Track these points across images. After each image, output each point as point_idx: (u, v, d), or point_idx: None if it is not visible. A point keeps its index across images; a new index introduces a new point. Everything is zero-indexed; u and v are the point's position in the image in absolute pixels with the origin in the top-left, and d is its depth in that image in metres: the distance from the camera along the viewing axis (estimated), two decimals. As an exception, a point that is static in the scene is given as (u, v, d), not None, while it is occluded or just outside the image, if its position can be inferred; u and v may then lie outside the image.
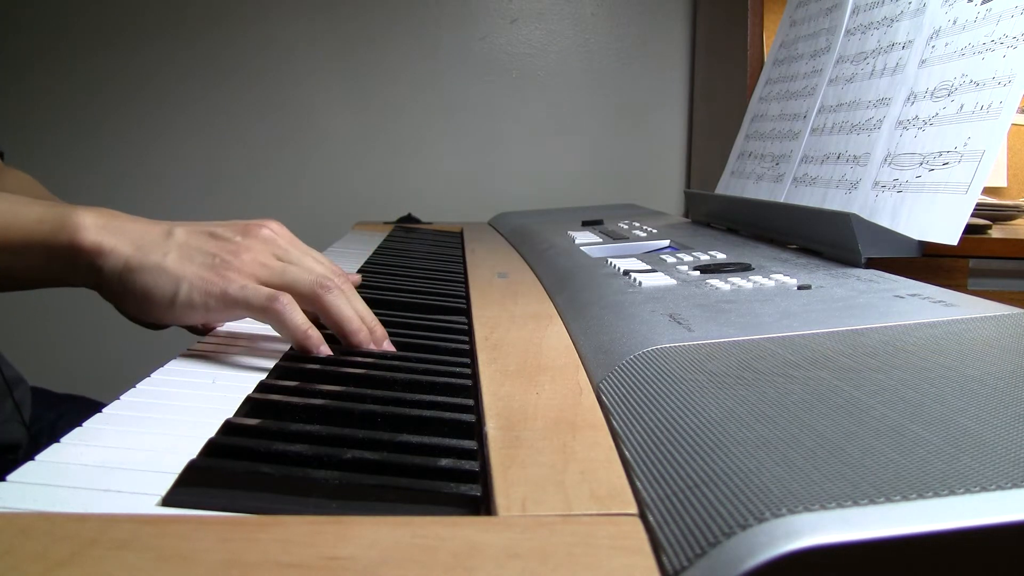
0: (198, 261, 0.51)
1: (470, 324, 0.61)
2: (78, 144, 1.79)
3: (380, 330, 0.54)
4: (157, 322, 0.53)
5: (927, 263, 0.86)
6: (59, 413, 0.85)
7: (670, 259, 0.73)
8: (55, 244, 0.50)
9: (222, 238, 0.53)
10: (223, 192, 1.82)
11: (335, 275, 0.55)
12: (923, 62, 0.74)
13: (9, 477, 0.32)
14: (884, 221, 0.69)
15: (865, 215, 0.70)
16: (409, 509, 0.32)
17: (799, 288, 0.56)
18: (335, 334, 0.53)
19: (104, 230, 0.51)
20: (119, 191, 1.81)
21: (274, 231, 0.55)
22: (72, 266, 0.51)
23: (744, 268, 0.65)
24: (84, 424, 0.39)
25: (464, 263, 0.94)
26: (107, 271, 0.50)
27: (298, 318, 0.50)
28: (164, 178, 1.82)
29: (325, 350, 0.51)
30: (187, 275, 0.50)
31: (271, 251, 0.54)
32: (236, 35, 1.79)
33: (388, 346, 0.54)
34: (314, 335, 0.50)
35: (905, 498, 0.24)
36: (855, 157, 0.79)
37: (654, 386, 0.39)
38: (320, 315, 0.53)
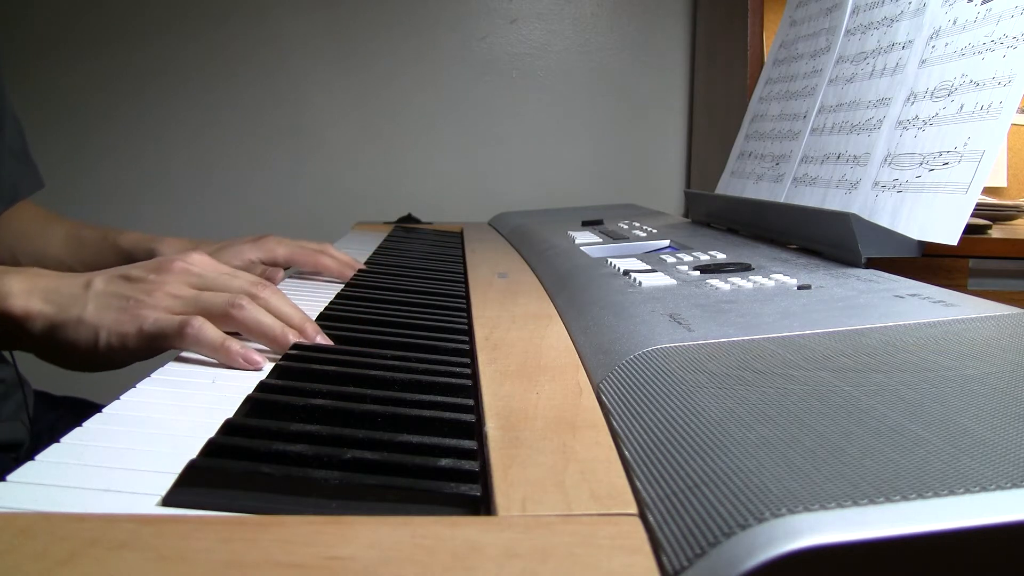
0: (114, 306, 0.53)
1: (470, 324, 0.61)
2: (77, 144, 1.79)
3: (311, 327, 0.56)
4: (94, 370, 0.55)
5: (927, 263, 0.86)
6: (58, 414, 0.86)
7: (670, 259, 0.73)
8: None
9: (136, 279, 0.55)
10: (223, 192, 1.82)
11: (252, 286, 0.56)
12: (923, 62, 0.74)
13: (9, 477, 0.32)
14: (884, 221, 0.69)
15: (865, 215, 0.70)
16: (409, 509, 0.32)
17: (799, 288, 0.56)
18: (263, 344, 0.54)
19: (30, 295, 0.54)
20: (118, 191, 1.81)
21: (188, 262, 0.57)
22: (5, 332, 0.54)
23: (744, 268, 0.65)
24: (84, 424, 0.39)
25: (464, 263, 0.94)
26: (36, 333, 0.53)
27: (211, 335, 0.51)
28: (163, 178, 1.82)
29: (253, 356, 0.51)
30: (104, 322, 0.53)
31: (184, 282, 0.56)
32: (236, 35, 1.79)
33: (323, 340, 0.55)
34: (232, 346, 0.51)
35: (905, 498, 0.24)
36: (855, 157, 0.79)
37: (654, 386, 0.39)
38: (241, 333, 0.54)
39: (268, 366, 0.51)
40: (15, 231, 0.90)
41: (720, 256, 0.73)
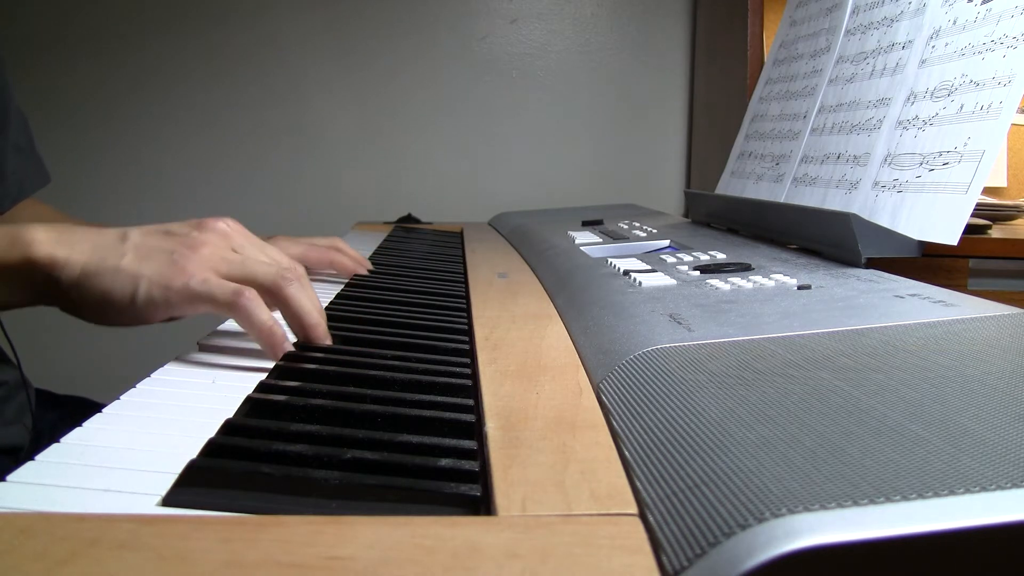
0: (156, 259, 0.51)
1: (470, 324, 0.61)
2: (77, 143, 1.79)
3: (325, 325, 0.55)
4: (120, 324, 0.53)
5: (927, 263, 0.86)
6: (59, 414, 0.86)
7: (670, 259, 0.73)
8: (8, 262, 0.50)
9: (178, 234, 0.53)
10: (222, 192, 1.82)
11: (293, 265, 0.55)
12: (923, 62, 0.74)
13: (9, 477, 0.32)
14: (884, 221, 0.69)
15: (865, 215, 0.70)
16: (409, 509, 0.32)
17: (799, 288, 0.56)
18: (290, 326, 0.53)
19: (57, 243, 0.51)
20: (118, 190, 1.81)
21: (229, 226, 0.55)
22: (29, 283, 0.51)
23: (744, 268, 0.65)
24: (84, 424, 0.39)
25: (464, 263, 0.94)
26: (64, 282, 0.50)
27: (264, 314, 0.50)
28: (163, 178, 1.82)
29: (288, 346, 0.51)
30: (145, 273, 0.50)
31: (228, 244, 0.54)
32: (235, 34, 1.79)
33: (328, 341, 0.55)
34: (279, 332, 0.50)
35: (905, 498, 0.24)
36: (855, 157, 0.79)
37: (654, 386, 0.39)
38: (280, 307, 0.53)
39: (266, 366, 0.51)
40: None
41: (720, 256, 0.73)
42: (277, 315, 0.53)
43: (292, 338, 0.53)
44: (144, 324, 0.53)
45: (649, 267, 0.68)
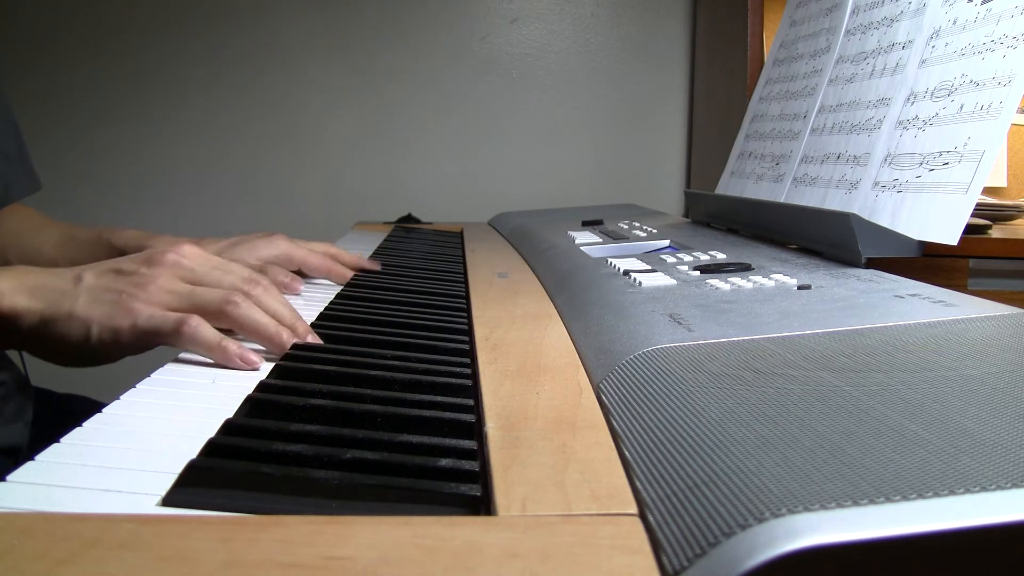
0: (106, 300, 0.52)
1: (470, 324, 0.61)
2: (76, 143, 1.80)
3: (302, 326, 0.55)
4: (84, 366, 0.54)
5: (927, 263, 0.86)
6: (59, 413, 0.85)
7: (670, 259, 0.73)
8: None
9: (127, 272, 0.54)
10: (222, 192, 1.82)
11: (245, 283, 0.56)
12: (923, 62, 0.74)
13: (9, 477, 0.32)
14: (884, 221, 0.69)
15: (865, 215, 0.70)
16: (409, 509, 0.32)
17: (799, 288, 0.56)
18: (258, 343, 0.54)
19: (17, 292, 0.53)
20: (117, 191, 1.81)
21: (181, 254, 0.56)
22: None
23: (744, 268, 0.65)
24: (84, 424, 0.39)
25: (464, 263, 0.94)
26: (25, 331, 0.52)
27: (208, 335, 0.50)
28: (163, 178, 1.82)
29: (250, 356, 0.51)
30: (95, 316, 0.52)
31: (178, 275, 0.55)
32: (235, 35, 1.79)
33: (313, 339, 0.55)
34: (230, 346, 0.50)
35: (905, 498, 0.24)
36: (855, 157, 0.79)
37: (654, 386, 0.39)
38: (235, 330, 0.54)
39: (265, 366, 0.51)
40: (8, 232, 0.89)
41: (720, 256, 0.73)
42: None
43: (253, 345, 0.54)
44: (105, 363, 0.54)
45: (649, 267, 0.69)
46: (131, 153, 1.81)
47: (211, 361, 0.51)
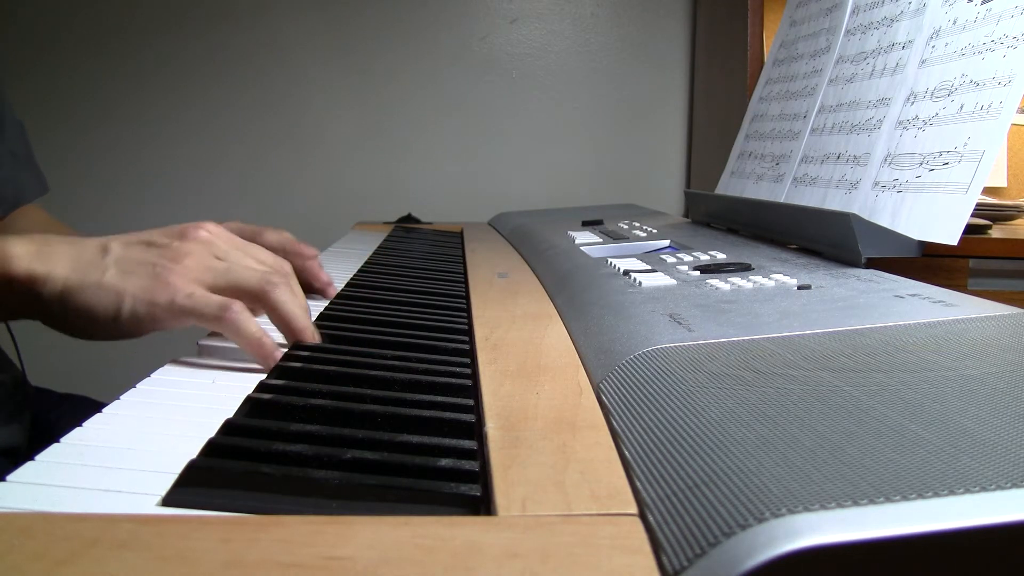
0: (139, 273, 0.50)
1: (470, 324, 0.61)
2: (76, 144, 1.80)
3: (313, 326, 0.54)
4: (106, 339, 0.52)
5: (927, 263, 0.86)
6: (59, 413, 0.85)
7: (670, 259, 0.73)
8: None
9: (160, 245, 0.52)
10: (222, 192, 1.82)
11: (280, 270, 0.54)
12: (923, 62, 0.74)
13: (9, 477, 0.32)
14: (884, 221, 0.69)
15: (865, 215, 0.70)
16: (409, 509, 0.32)
17: (799, 288, 0.56)
18: (278, 329, 0.53)
19: (36, 257, 0.50)
20: (117, 191, 1.81)
21: (211, 232, 0.54)
22: (8, 299, 0.50)
23: (744, 268, 0.65)
24: (84, 424, 0.39)
25: (464, 263, 0.94)
26: (46, 298, 0.49)
27: (252, 327, 0.49)
28: (163, 178, 1.82)
29: (278, 355, 0.50)
30: (129, 289, 0.49)
31: (211, 252, 0.53)
32: (235, 34, 1.79)
33: (318, 337, 0.54)
34: (268, 343, 0.50)
35: (905, 498, 0.24)
36: (855, 157, 0.79)
37: (654, 386, 0.39)
38: (267, 312, 0.52)
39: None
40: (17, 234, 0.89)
41: (720, 256, 0.73)
42: (264, 320, 0.53)
43: (282, 341, 0.53)
44: (130, 338, 0.52)
45: (649, 267, 0.68)
46: (131, 153, 1.81)
47: (211, 362, 0.51)
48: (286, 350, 0.53)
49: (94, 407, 0.40)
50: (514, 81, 1.82)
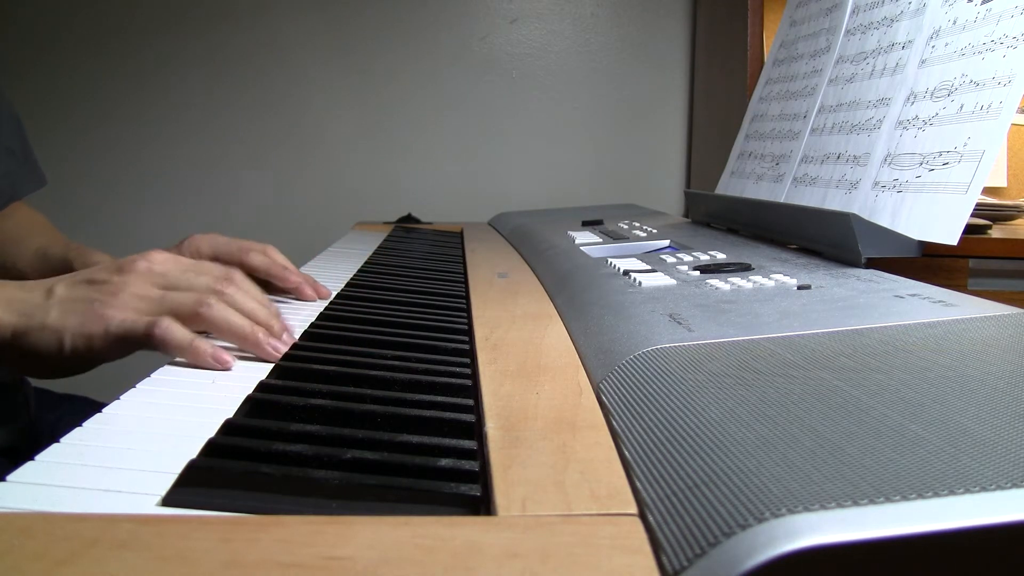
0: (77, 310, 0.52)
1: (470, 324, 0.61)
2: (76, 143, 1.79)
3: (278, 324, 0.55)
4: (60, 376, 0.54)
5: (927, 263, 0.86)
6: (59, 414, 0.86)
7: (670, 259, 0.73)
8: None
9: (98, 282, 0.54)
10: (222, 192, 1.82)
11: (217, 282, 0.55)
12: (923, 62, 0.74)
13: (9, 477, 0.32)
14: (884, 221, 0.69)
15: (865, 215, 0.70)
16: (409, 509, 0.32)
17: (799, 288, 0.56)
18: (235, 344, 0.53)
19: None
20: (117, 191, 1.81)
21: (151, 260, 0.56)
22: None
23: (744, 268, 0.65)
24: (84, 424, 0.39)
25: (464, 263, 0.94)
26: (0, 344, 0.52)
27: (179, 335, 0.50)
28: (163, 178, 1.82)
29: (223, 355, 0.50)
30: (68, 326, 0.51)
31: (150, 282, 0.54)
32: (235, 34, 1.79)
33: (288, 338, 0.55)
34: (201, 345, 0.50)
35: (905, 498, 0.24)
36: (855, 157, 0.79)
37: (654, 386, 0.39)
38: (211, 332, 0.53)
39: (265, 366, 0.51)
40: (6, 233, 0.89)
41: (720, 256, 0.73)
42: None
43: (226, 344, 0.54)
44: (82, 372, 0.54)
45: (649, 267, 0.69)
46: (131, 153, 1.81)
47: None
48: (291, 349, 0.53)
49: (94, 408, 0.40)
50: (514, 81, 1.82)
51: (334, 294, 0.74)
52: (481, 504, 0.32)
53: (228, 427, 0.39)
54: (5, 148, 0.87)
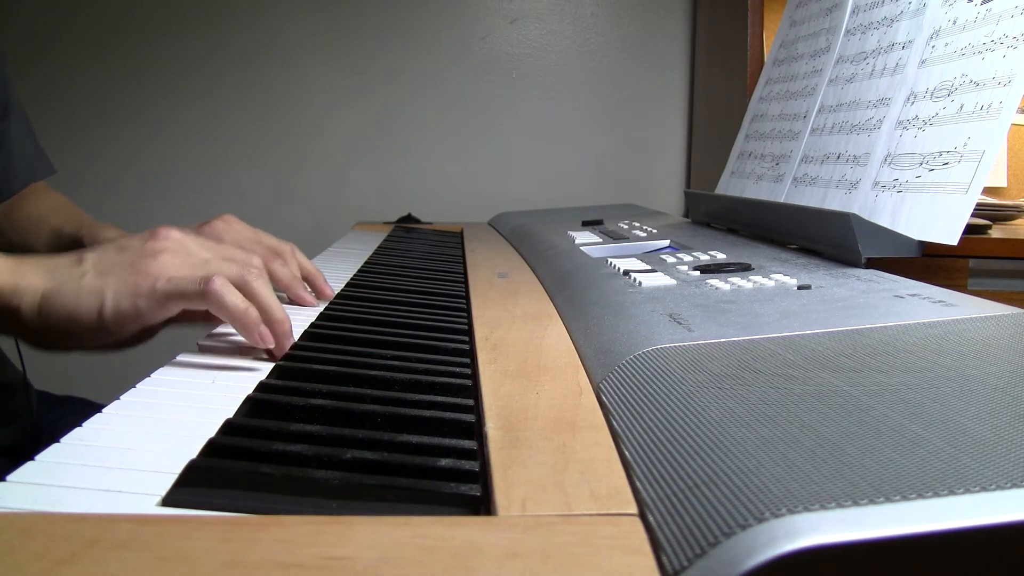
0: (117, 271, 0.50)
1: (470, 324, 0.61)
2: (76, 143, 1.79)
3: (289, 324, 0.53)
4: (88, 347, 0.52)
5: (927, 263, 0.86)
6: (59, 414, 0.86)
7: (670, 259, 0.73)
8: None
9: (133, 248, 0.52)
10: (222, 192, 1.82)
11: (254, 263, 0.54)
12: (923, 62, 0.74)
13: (9, 477, 0.32)
14: (884, 221, 0.69)
15: (865, 215, 0.70)
16: (409, 509, 0.32)
17: (799, 288, 0.56)
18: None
19: (13, 271, 0.50)
20: (117, 190, 1.81)
21: (180, 233, 0.55)
22: None
23: (744, 268, 0.65)
24: (84, 424, 0.39)
25: (464, 263, 0.94)
26: (25, 308, 0.49)
27: (235, 297, 0.49)
28: (163, 178, 1.82)
29: (265, 331, 0.50)
30: (109, 285, 0.50)
31: (184, 250, 0.53)
32: (235, 34, 1.79)
33: (293, 338, 0.54)
34: (253, 314, 0.49)
35: (905, 498, 0.24)
36: (855, 157, 0.79)
37: (654, 386, 0.39)
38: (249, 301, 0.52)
39: (265, 366, 0.51)
40: (32, 216, 0.90)
41: (720, 256, 0.73)
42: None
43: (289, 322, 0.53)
44: (113, 343, 0.52)
45: (649, 267, 0.68)
46: (131, 153, 1.81)
47: (211, 361, 0.51)
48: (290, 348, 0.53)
49: (94, 408, 0.40)
50: (514, 81, 1.82)
51: (334, 294, 0.74)
52: (481, 504, 0.32)
53: (228, 427, 0.39)
54: (16, 133, 0.88)
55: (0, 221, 0.89)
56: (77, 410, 0.86)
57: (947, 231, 0.62)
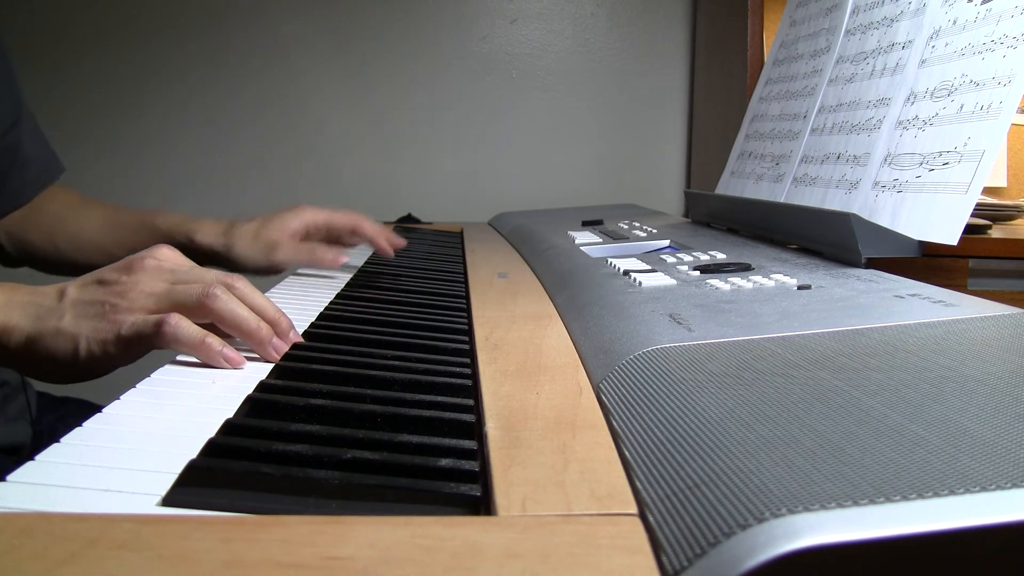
0: (91, 314, 0.52)
1: (470, 324, 0.61)
2: (76, 143, 1.79)
3: (285, 321, 0.54)
4: (74, 381, 0.54)
5: (927, 263, 0.86)
6: (59, 415, 0.86)
7: (670, 259, 0.73)
8: None
9: (109, 282, 0.54)
10: (220, 193, 1.82)
11: (225, 277, 0.55)
12: (923, 62, 0.74)
13: (9, 477, 0.32)
14: (884, 221, 0.69)
15: (865, 215, 0.70)
16: (409, 509, 0.32)
17: (799, 288, 0.56)
18: (238, 337, 0.53)
19: (5, 308, 0.52)
20: (117, 191, 1.81)
21: (159, 258, 0.56)
22: None
23: (744, 268, 0.65)
24: (84, 424, 0.39)
25: (464, 263, 0.94)
26: (13, 347, 0.52)
27: (189, 331, 0.50)
28: (160, 178, 1.82)
29: (229, 353, 0.50)
30: (82, 331, 0.51)
31: (158, 279, 0.54)
32: (234, 34, 1.79)
33: (295, 336, 0.54)
34: (211, 341, 0.50)
35: (905, 498, 0.24)
36: (855, 157, 0.79)
37: (654, 386, 0.39)
38: (217, 324, 0.53)
39: (265, 366, 0.51)
40: (51, 215, 0.91)
41: (720, 256, 0.73)
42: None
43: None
44: (96, 378, 0.54)
45: (649, 267, 0.68)
46: (130, 153, 1.81)
47: (211, 361, 0.51)
48: (291, 349, 0.53)
49: (94, 408, 0.40)
50: (514, 81, 1.82)
51: (335, 293, 0.74)
52: (481, 504, 0.32)
53: (228, 427, 0.39)
54: (28, 135, 0.89)
55: (19, 226, 0.90)
56: (77, 410, 0.86)
57: (947, 231, 0.62)
